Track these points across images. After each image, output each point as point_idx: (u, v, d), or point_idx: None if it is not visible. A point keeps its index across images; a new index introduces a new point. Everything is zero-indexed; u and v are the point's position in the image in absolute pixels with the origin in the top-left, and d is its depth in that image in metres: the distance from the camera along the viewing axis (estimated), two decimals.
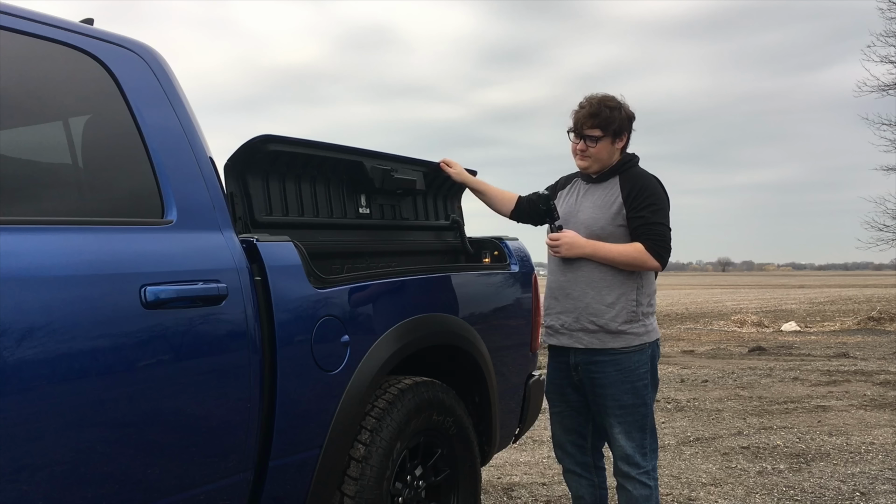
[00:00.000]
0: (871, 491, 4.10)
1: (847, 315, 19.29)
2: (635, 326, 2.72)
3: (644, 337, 2.74)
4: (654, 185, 2.77)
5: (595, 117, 2.74)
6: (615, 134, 2.76)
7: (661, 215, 2.72)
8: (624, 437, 2.75)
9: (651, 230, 2.70)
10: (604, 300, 2.72)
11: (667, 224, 2.74)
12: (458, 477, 2.77)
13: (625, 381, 2.72)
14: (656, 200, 2.73)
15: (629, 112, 2.80)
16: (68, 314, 1.69)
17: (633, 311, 2.73)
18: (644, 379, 2.75)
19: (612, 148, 2.78)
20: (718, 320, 18.43)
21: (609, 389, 2.73)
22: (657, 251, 2.69)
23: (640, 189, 2.73)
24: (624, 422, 2.75)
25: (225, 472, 2.03)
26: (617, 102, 2.79)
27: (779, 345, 12.46)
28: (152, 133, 2.07)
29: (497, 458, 4.82)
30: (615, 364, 2.72)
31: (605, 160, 2.79)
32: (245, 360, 2.05)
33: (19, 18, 1.86)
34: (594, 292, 2.73)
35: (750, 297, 33.30)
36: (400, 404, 2.48)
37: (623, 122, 2.77)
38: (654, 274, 2.84)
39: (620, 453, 2.78)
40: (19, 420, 1.59)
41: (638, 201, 2.72)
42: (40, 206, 1.88)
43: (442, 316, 2.78)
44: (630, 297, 2.73)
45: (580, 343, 2.76)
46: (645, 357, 2.75)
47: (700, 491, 4.16)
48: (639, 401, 2.74)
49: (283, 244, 2.28)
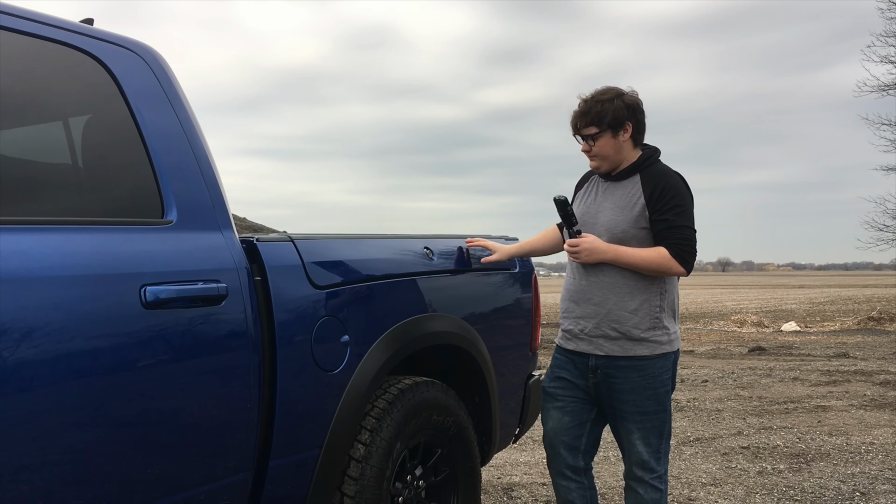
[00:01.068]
0: (871, 491, 4.10)
1: (847, 315, 19.29)
2: (658, 334, 2.61)
3: (667, 346, 2.63)
4: (679, 185, 2.63)
5: (586, 115, 2.62)
6: (612, 126, 2.60)
7: (685, 217, 2.58)
8: (642, 442, 2.65)
9: (675, 234, 2.56)
10: (626, 306, 2.60)
11: (692, 227, 2.60)
12: (458, 477, 2.77)
13: (647, 387, 2.61)
14: (681, 202, 2.59)
15: (630, 100, 2.63)
16: (68, 314, 1.69)
17: (657, 317, 2.61)
18: (667, 385, 2.65)
19: (615, 142, 2.62)
20: (718, 320, 18.43)
21: (630, 395, 2.62)
22: (682, 256, 2.56)
23: (663, 189, 2.58)
24: (643, 428, 2.64)
25: (225, 472, 2.03)
26: (612, 94, 2.63)
27: (779, 345, 12.46)
28: (152, 133, 2.07)
29: (497, 458, 4.82)
30: (638, 370, 2.60)
31: (614, 156, 2.64)
32: (245, 360, 2.05)
33: (19, 18, 1.86)
34: (616, 298, 2.61)
35: (750, 297, 33.31)
36: (400, 404, 2.48)
37: (619, 111, 2.60)
38: (678, 278, 2.70)
39: (637, 459, 2.67)
40: (19, 420, 1.59)
41: (662, 202, 2.57)
42: (40, 206, 1.88)
43: (442, 316, 2.78)
44: (654, 302, 2.61)
45: (601, 350, 2.63)
46: (668, 363, 2.65)
47: (700, 491, 4.16)
48: (660, 407, 2.64)
49: (283, 244, 2.28)
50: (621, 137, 2.62)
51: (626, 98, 2.63)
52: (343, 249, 2.52)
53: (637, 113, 2.65)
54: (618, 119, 2.60)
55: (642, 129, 2.67)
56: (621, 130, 2.61)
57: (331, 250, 2.47)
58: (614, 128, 2.61)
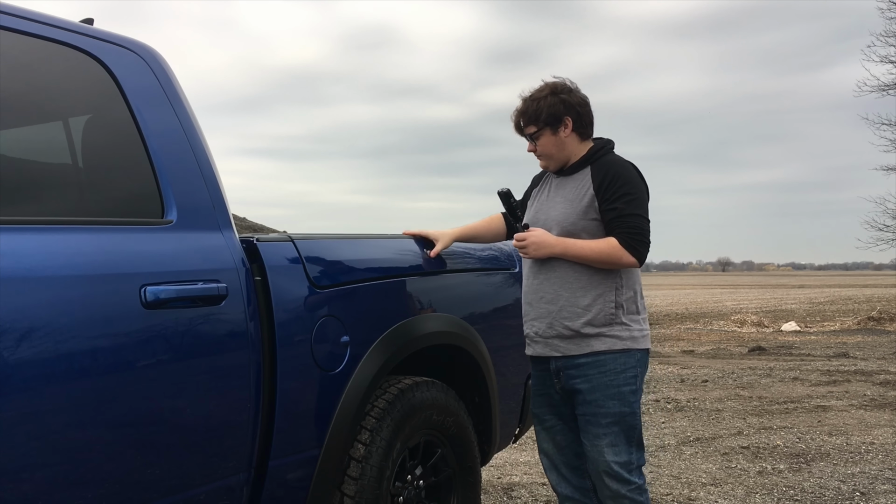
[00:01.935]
0: (871, 491, 4.10)
1: (847, 315, 19.29)
2: (616, 329, 2.48)
3: (629, 342, 2.49)
4: (629, 173, 2.51)
5: (524, 115, 2.57)
6: (550, 124, 2.53)
7: (636, 205, 2.46)
8: (610, 450, 2.48)
9: (625, 223, 2.44)
10: (578, 303, 2.49)
11: (644, 215, 2.48)
12: (457, 477, 2.77)
13: (609, 385, 2.47)
14: (631, 189, 2.47)
15: (566, 95, 2.54)
16: (68, 314, 1.69)
17: (612, 313, 2.48)
18: (632, 384, 2.49)
19: (557, 139, 2.55)
20: (718, 320, 18.43)
21: (592, 395, 2.49)
22: (633, 245, 2.43)
23: (612, 178, 2.48)
24: (610, 433, 2.48)
25: (225, 472, 2.03)
26: (547, 90, 2.55)
27: (779, 345, 12.46)
28: (152, 133, 2.07)
29: (497, 458, 4.82)
30: (598, 366, 2.48)
31: (558, 153, 2.57)
32: (245, 360, 2.05)
33: (19, 18, 1.86)
34: (568, 294, 2.50)
35: (750, 297, 33.31)
36: (400, 404, 2.48)
37: (554, 107, 2.52)
38: (639, 274, 2.59)
39: (606, 469, 2.49)
40: (20, 420, 1.59)
41: (611, 192, 2.47)
42: (40, 206, 1.88)
43: (442, 316, 2.78)
44: (608, 298, 2.49)
45: (557, 351, 2.54)
46: (632, 361, 2.50)
47: (700, 491, 4.16)
48: (626, 409, 2.48)
49: (283, 244, 2.28)
50: (562, 133, 2.55)
51: (561, 93, 2.55)
52: (343, 249, 2.53)
53: (576, 106, 2.55)
54: (554, 115, 2.53)
55: (585, 121, 2.58)
56: (560, 126, 2.54)
57: (331, 250, 2.47)
58: (552, 125, 2.54)
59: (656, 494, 4.08)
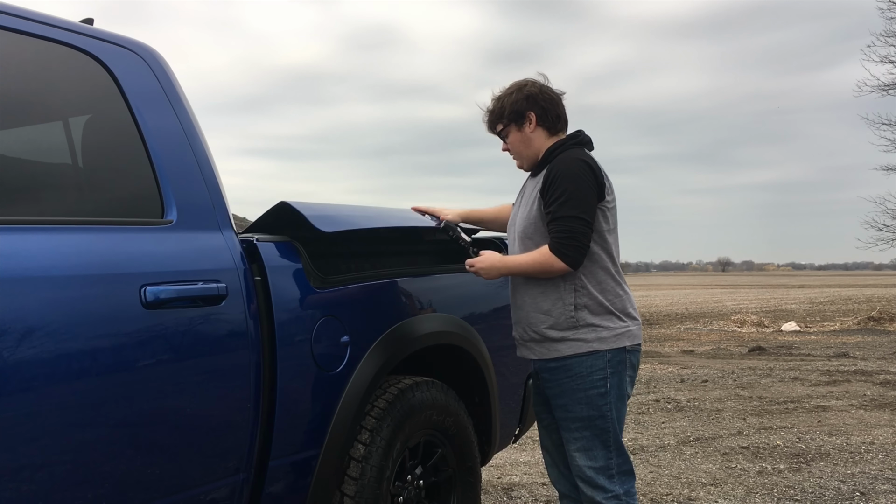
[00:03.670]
0: (871, 491, 4.10)
1: (847, 315, 19.28)
2: (582, 332, 2.41)
3: (595, 344, 2.41)
4: (569, 170, 2.39)
5: (491, 113, 2.57)
6: (514, 120, 2.50)
7: (569, 206, 2.34)
8: (583, 455, 2.45)
9: (555, 227, 2.36)
10: (540, 307, 2.47)
11: (576, 215, 2.34)
12: (457, 477, 2.77)
13: (576, 389, 2.43)
14: (567, 187, 2.35)
15: (530, 90, 2.50)
16: (68, 314, 1.69)
17: (572, 316, 2.41)
18: (599, 387, 2.42)
19: (523, 135, 2.52)
20: (718, 320, 18.43)
21: (561, 400, 2.47)
22: (560, 250, 2.34)
23: (553, 178, 2.39)
24: (581, 437, 2.45)
25: (225, 472, 2.03)
26: (514, 87, 2.53)
27: (779, 345, 12.46)
28: (152, 133, 2.07)
29: (497, 458, 4.82)
30: (565, 370, 2.44)
31: (526, 150, 2.54)
32: (245, 360, 2.05)
33: (19, 18, 1.86)
34: (531, 300, 2.49)
35: (750, 297, 33.30)
36: (400, 404, 2.48)
37: (517, 103, 2.49)
38: (609, 269, 2.46)
39: (579, 473, 2.47)
40: (19, 420, 1.59)
41: (549, 194, 2.39)
42: (40, 206, 1.88)
43: (442, 316, 2.78)
44: (567, 301, 2.42)
45: (534, 353, 2.54)
46: (601, 363, 2.42)
47: (700, 491, 4.16)
48: (595, 412, 2.42)
49: (283, 244, 2.28)
50: (527, 129, 2.51)
51: (526, 88, 2.52)
52: None
53: (540, 101, 2.51)
54: (517, 111, 2.50)
55: (551, 116, 2.53)
56: (525, 122, 2.51)
57: None
58: (516, 121, 2.51)
59: (656, 494, 4.08)
